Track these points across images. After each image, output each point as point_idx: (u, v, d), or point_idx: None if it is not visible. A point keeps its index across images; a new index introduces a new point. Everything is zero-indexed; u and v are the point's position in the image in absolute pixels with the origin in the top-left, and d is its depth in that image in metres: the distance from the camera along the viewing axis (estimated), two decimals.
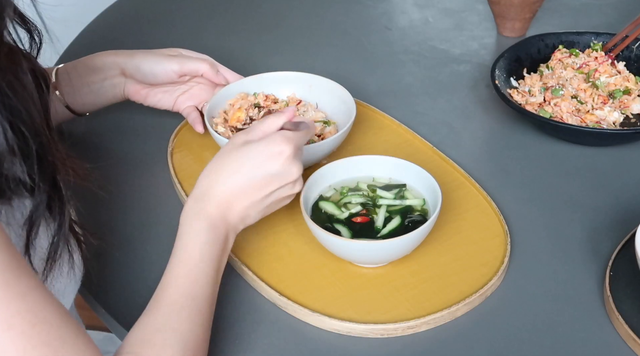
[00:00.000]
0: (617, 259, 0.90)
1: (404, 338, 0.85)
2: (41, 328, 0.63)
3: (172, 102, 1.13)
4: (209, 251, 0.81)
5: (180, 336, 0.75)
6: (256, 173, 0.84)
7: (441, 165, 1.06)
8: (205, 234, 0.81)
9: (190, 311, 0.77)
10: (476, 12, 1.46)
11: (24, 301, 0.62)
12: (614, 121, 1.12)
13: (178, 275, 0.79)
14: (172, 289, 0.78)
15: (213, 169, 0.85)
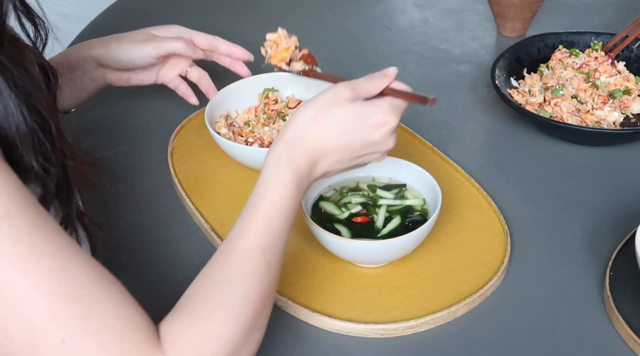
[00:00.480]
0: (617, 259, 0.90)
1: (404, 338, 0.85)
2: (70, 285, 0.61)
3: (154, 77, 1.14)
4: (290, 205, 0.77)
5: (242, 292, 0.70)
6: (357, 137, 0.81)
7: (441, 165, 1.07)
8: (290, 188, 0.77)
9: (258, 265, 0.73)
10: (476, 12, 1.46)
11: (52, 260, 0.61)
12: (614, 121, 1.12)
13: (253, 224, 0.75)
14: (244, 239, 0.74)
15: (312, 116, 0.80)
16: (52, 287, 0.61)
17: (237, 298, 0.70)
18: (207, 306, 0.68)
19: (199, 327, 0.66)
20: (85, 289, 0.62)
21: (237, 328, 0.68)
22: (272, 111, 1.11)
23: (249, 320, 0.70)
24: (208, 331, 0.67)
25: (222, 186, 1.05)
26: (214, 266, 0.72)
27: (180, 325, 0.66)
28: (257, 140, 1.07)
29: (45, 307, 0.60)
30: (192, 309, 0.68)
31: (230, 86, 1.13)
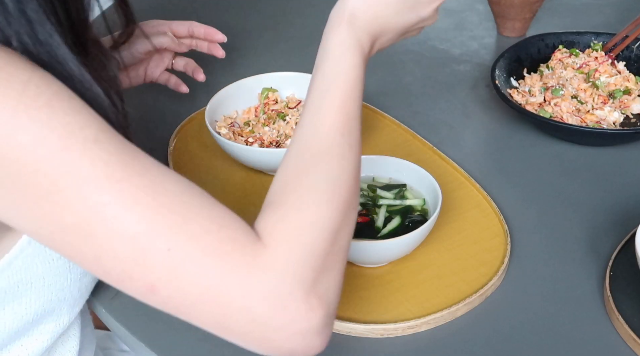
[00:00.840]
0: (617, 259, 0.90)
1: (404, 338, 0.85)
2: (165, 198, 0.62)
3: (142, 76, 1.15)
4: (361, 87, 0.76)
5: (330, 175, 0.70)
6: (411, 15, 0.81)
7: (441, 165, 1.07)
8: (360, 69, 0.77)
9: (341, 148, 0.72)
10: (476, 12, 1.46)
11: (143, 178, 0.62)
12: (614, 121, 1.12)
13: (329, 109, 0.73)
14: (322, 124, 0.73)
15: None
16: (148, 201, 0.62)
17: (326, 183, 0.69)
18: (296, 195, 0.68)
19: (293, 217, 0.66)
20: (179, 200, 0.63)
21: (331, 211, 0.68)
22: (272, 111, 1.11)
23: (343, 201, 0.69)
24: (303, 219, 0.66)
25: (222, 186, 1.05)
26: (295, 156, 0.72)
27: (274, 219, 0.66)
28: (257, 140, 1.07)
29: (146, 221, 0.61)
30: (282, 201, 0.68)
31: (230, 86, 1.13)
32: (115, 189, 0.61)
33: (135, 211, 0.61)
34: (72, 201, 0.60)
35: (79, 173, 0.60)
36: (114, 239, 0.61)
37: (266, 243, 0.64)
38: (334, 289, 0.67)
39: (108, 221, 0.61)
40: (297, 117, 1.09)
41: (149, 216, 0.62)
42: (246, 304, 0.62)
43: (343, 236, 0.69)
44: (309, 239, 0.65)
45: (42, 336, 0.81)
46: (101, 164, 0.61)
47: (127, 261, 0.62)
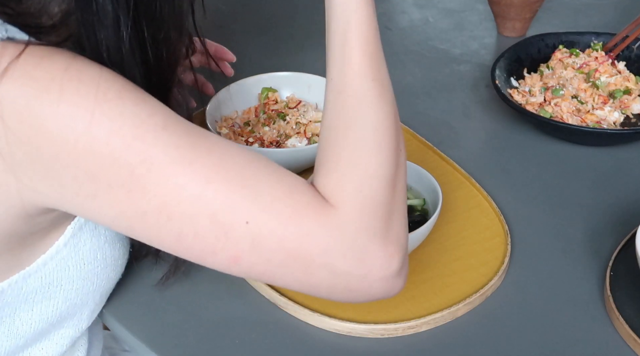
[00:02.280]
0: (617, 259, 0.90)
1: (404, 338, 0.85)
2: (235, 172, 0.65)
3: None
4: (376, 24, 0.75)
5: (373, 124, 0.71)
6: None
7: (441, 165, 1.06)
8: (370, 5, 0.75)
9: (375, 92, 0.72)
10: (476, 12, 1.46)
11: (213, 155, 0.65)
12: (614, 121, 1.12)
13: (351, 54, 0.73)
14: (349, 73, 0.73)
15: None
16: (220, 177, 0.64)
17: (371, 132, 0.71)
18: (348, 151, 0.70)
19: (351, 173, 0.68)
20: (248, 172, 0.66)
21: (383, 158, 0.70)
22: (272, 111, 1.11)
23: (391, 146, 0.71)
24: (360, 173, 0.68)
25: None
26: (333, 114, 0.73)
27: (335, 178, 0.68)
28: (257, 140, 1.07)
29: (221, 197, 0.64)
30: (336, 160, 0.70)
31: (230, 86, 1.13)
32: (188, 170, 0.63)
33: (210, 189, 0.64)
34: (149, 187, 0.63)
35: (154, 159, 0.63)
36: (194, 218, 0.64)
37: (334, 203, 0.67)
38: (403, 231, 0.70)
39: (186, 202, 0.63)
40: (297, 117, 1.09)
41: (223, 192, 0.64)
42: (328, 261, 0.65)
43: (400, 180, 0.71)
44: (372, 191, 0.68)
45: (62, 340, 0.82)
46: (172, 149, 0.63)
47: (209, 238, 0.64)
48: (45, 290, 0.75)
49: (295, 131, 1.07)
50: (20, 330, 0.77)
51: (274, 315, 0.88)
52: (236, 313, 0.88)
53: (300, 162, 1.04)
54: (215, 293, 0.90)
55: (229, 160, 0.65)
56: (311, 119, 1.09)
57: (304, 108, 1.11)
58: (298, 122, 1.08)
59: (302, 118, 1.09)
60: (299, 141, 1.06)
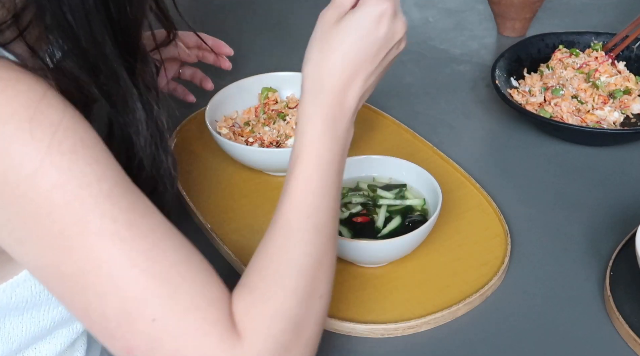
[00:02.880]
0: (617, 259, 0.90)
1: (404, 338, 0.85)
2: (162, 265, 0.63)
3: None
4: (329, 158, 0.74)
5: (294, 263, 0.70)
6: (364, 46, 0.75)
7: (441, 165, 1.06)
8: (323, 140, 0.74)
9: (305, 233, 0.71)
10: (476, 12, 1.46)
11: (146, 240, 0.63)
12: (614, 121, 1.12)
13: (293, 189, 0.73)
14: (287, 206, 0.72)
15: (319, 56, 0.75)
16: (146, 266, 0.63)
17: (290, 271, 0.70)
18: (265, 282, 0.69)
19: (264, 307, 0.68)
20: (175, 269, 0.64)
21: (297, 301, 0.69)
22: (272, 111, 1.11)
23: (306, 291, 0.70)
24: (272, 309, 0.67)
25: (222, 186, 1.05)
26: (266, 239, 0.72)
27: (247, 304, 0.67)
28: (257, 140, 1.07)
29: (139, 286, 0.62)
30: (254, 286, 0.69)
31: (230, 85, 1.13)
32: (117, 248, 0.62)
33: (131, 274, 0.62)
34: (74, 251, 0.61)
35: (87, 226, 0.61)
36: (105, 297, 0.62)
37: (241, 330, 0.65)
38: None
39: (103, 279, 0.62)
40: (297, 117, 1.08)
41: (142, 282, 0.63)
42: None
43: (308, 326, 0.70)
44: (276, 330, 0.67)
45: (57, 340, 0.82)
46: (109, 221, 0.62)
47: (112, 321, 0.63)
48: (36, 299, 0.75)
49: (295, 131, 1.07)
50: (12, 335, 0.76)
51: None
52: None
53: None
54: None
55: (162, 249, 0.64)
56: None
57: None
58: None
59: None
60: None
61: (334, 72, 0.74)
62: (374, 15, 0.74)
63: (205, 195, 1.03)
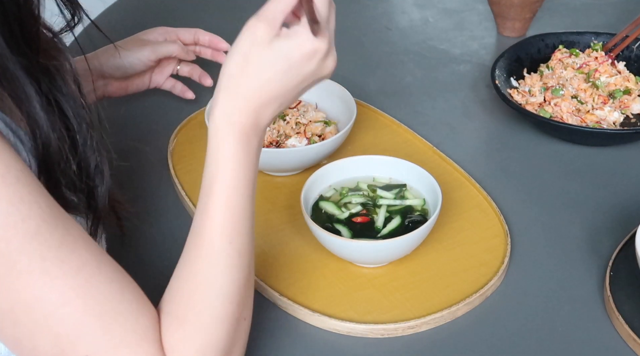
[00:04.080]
0: (617, 259, 0.90)
1: (404, 338, 0.85)
2: (95, 301, 0.64)
3: (148, 82, 1.16)
4: (246, 176, 0.74)
5: (222, 290, 0.70)
6: (288, 78, 0.73)
7: (441, 165, 1.06)
8: (239, 159, 0.73)
9: (230, 258, 0.71)
10: (476, 12, 1.46)
11: (79, 276, 0.63)
12: (614, 121, 1.12)
13: (214, 213, 0.72)
14: (210, 231, 0.71)
15: (239, 70, 0.73)
16: (78, 303, 0.63)
17: (218, 299, 0.70)
18: (195, 313, 0.70)
19: (195, 340, 0.68)
20: (108, 305, 0.65)
21: (225, 328, 0.70)
22: None
23: (234, 317, 0.71)
24: (204, 341, 0.68)
25: None
26: (189, 263, 0.72)
27: (178, 336, 0.68)
28: None
29: (71, 323, 0.63)
30: (182, 318, 0.69)
31: None
32: (47, 286, 0.62)
33: (63, 312, 0.63)
34: (5, 291, 0.62)
35: (15, 266, 0.61)
36: (38, 333, 0.63)
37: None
38: None
39: (36, 316, 0.62)
40: (297, 117, 1.09)
41: (75, 319, 0.63)
42: None
43: (236, 350, 0.72)
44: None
45: None
46: (38, 260, 0.62)
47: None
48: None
49: (295, 131, 1.07)
50: None
51: (274, 315, 0.88)
52: None
53: (300, 162, 1.04)
54: None
55: (95, 285, 0.64)
56: (311, 119, 1.09)
57: (304, 108, 1.11)
58: (298, 122, 1.08)
59: (302, 118, 1.09)
60: (298, 141, 1.06)
61: (253, 95, 0.73)
62: (306, 51, 0.72)
63: None
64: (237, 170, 0.73)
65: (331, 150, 1.05)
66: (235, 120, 0.72)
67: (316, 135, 1.07)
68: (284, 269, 0.92)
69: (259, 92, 0.73)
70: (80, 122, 0.71)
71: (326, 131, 1.08)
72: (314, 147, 1.02)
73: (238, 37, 0.73)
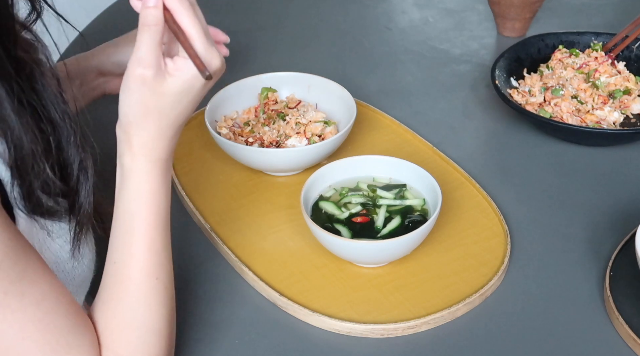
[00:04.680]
0: (617, 259, 0.90)
1: (404, 338, 0.85)
2: (52, 335, 0.66)
3: None
4: (162, 208, 0.74)
5: (154, 327, 0.73)
6: (190, 101, 0.73)
7: (441, 165, 1.06)
8: (159, 192, 0.73)
9: (158, 295, 0.73)
10: (476, 12, 1.46)
11: (38, 309, 0.65)
12: (614, 121, 1.12)
13: (138, 251, 0.72)
14: (136, 270, 0.72)
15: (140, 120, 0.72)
16: (37, 336, 0.65)
17: (154, 338, 0.73)
18: (129, 349, 0.72)
19: None
20: (65, 338, 0.67)
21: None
22: (271, 111, 1.11)
23: (167, 349, 0.75)
24: None
25: (222, 186, 1.05)
26: (119, 300, 0.73)
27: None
28: (257, 140, 1.07)
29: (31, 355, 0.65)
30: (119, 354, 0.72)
31: (230, 86, 1.13)
32: (8, 320, 0.64)
33: (23, 345, 0.64)
34: None
35: None
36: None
37: None
38: None
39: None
40: (297, 117, 1.09)
41: (34, 352, 0.65)
42: None
43: None
44: None
45: None
46: (1, 294, 0.63)
47: None
48: None
49: (295, 131, 1.07)
50: None
51: (274, 315, 0.88)
52: (236, 313, 0.88)
53: (300, 162, 1.04)
54: (215, 293, 0.90)
55: (52, 320, 0.66)
56: (311, 119, 1.09)
57: (304, 108, 1.11)
58: (298, 122, 1.08)
59: (302, 118, 1.09)
60: (298, 141, 1.06)
61: (165, 132, 0.73)
62: (197, 82, 0.72)
63: (205, 195, 1.03)
64: (157, 209, 0.74)
65: (331, 150, 1.05)
66: (157, 156, 0.73)
67: (316, 135, 1.07)
68: (284, 269, 0.92)
69: (167, 127, 0.73)
70: (62, 118, 0.71)
71: (326, 131, 1.08)
72: (314, 147, 1.02)
73: (126, 83, 0.72)
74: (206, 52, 0.71)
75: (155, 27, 0.71)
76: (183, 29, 0.71)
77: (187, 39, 0.71)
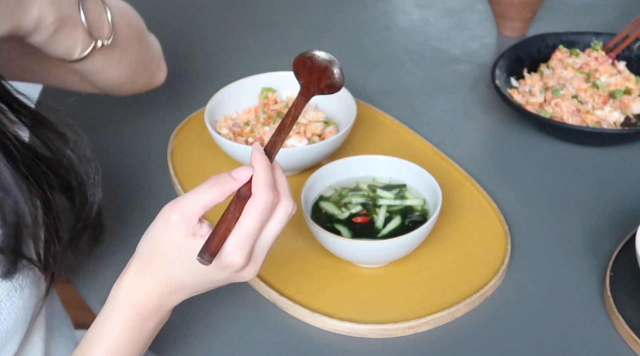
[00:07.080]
0: (617, 259, 0.90)
1: (404, 338, 0.85)
2: None
3: None
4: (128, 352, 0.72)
5: None
6: (202, 278, 0.71)
7: (441, 165, 1.06)
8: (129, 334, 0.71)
9: None
10: (476, 12, 1.46)
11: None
12: (614, 121, 1.12)
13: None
14: None
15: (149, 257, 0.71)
16: None
17: None
18: None
19: None
20: None
21: None
22: (271, 111, 1.11)
23: None
24: None
25: None
26: None
27: None
28: (257, 140, 1.07)
29: None
30: None
31: (230, 85, 1.13)
32: None
33: None
34: None
35: None
36: None
37: None
38: None
39: None
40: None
41: None
42: None
43: None
44: None
45: None
46: None
47: None
48: None
49: (295, 131, 1.07)
50: None
51: (274, 314, 0.88)
52: (236, 313, 0.88)
53: (300, 162, 1.04)
54: (215, 293, 0.90)
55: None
56: (311, 119, 1.09)
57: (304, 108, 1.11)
58: (298, 122, 1.08)
59: (302, 118, 1.08)
60: (299, 141, 1.06)
61: (162, 280, 0.71)
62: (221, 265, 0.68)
63: None
64: (120, 347, 0.71)
65: (331, 150, 1.05)
66: (137, 300, 0.71)
67: (316, 135, 1.07)
68: (284, 269, 0.92)
69: (169, 278, 0.71)
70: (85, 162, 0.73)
71: (326, 131, 1.08)
72: (314, 147, 1.02)
73: (155, 221, 0.70)
74: (236, 247, 0.68)
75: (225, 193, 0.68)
76: (241, 217, 0.68)
77: (232, 226, 0.67)
